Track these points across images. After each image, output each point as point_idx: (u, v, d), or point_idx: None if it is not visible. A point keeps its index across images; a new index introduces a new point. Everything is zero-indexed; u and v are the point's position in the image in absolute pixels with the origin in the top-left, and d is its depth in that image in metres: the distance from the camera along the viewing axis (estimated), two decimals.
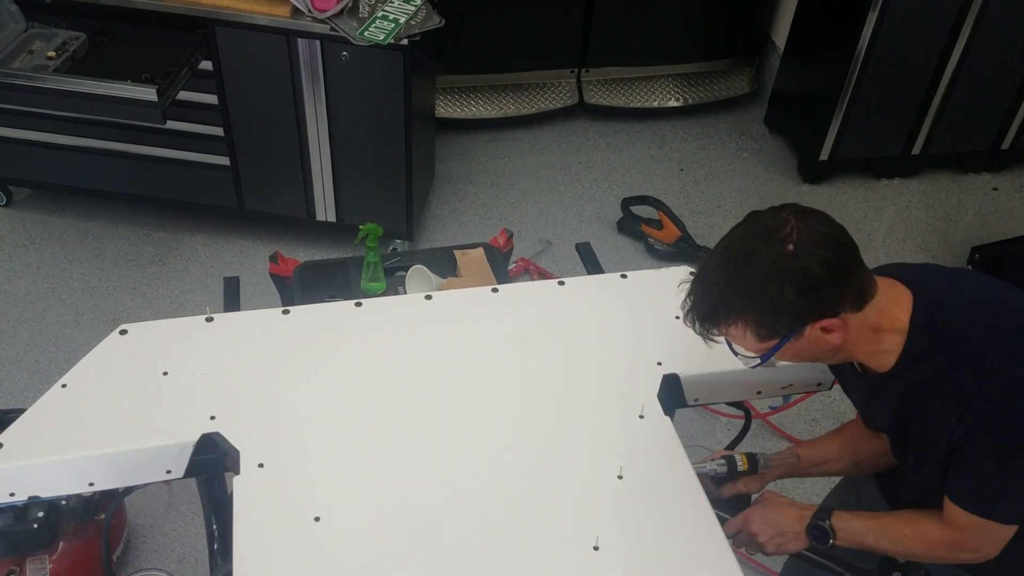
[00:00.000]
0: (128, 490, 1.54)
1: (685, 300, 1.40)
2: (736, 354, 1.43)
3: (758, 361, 1.40)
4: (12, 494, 1.44)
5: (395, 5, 2.76)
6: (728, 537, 1.50)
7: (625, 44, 3.90)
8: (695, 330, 1.40)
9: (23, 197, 3.43)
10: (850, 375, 1.53)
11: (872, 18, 3.25)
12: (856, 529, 1.51)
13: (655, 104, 4.00)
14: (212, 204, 3.23)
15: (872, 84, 3.43)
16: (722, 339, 1.41)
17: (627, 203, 3.47)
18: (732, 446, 1.82)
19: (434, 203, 3.54)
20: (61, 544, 2.13)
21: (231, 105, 2.93)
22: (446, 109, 3.80)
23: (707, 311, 1.37)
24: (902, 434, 1.48)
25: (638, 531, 1.39)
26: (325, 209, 3.17)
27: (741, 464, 1.65)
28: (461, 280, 2.12)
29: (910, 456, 1.49)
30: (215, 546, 1.68)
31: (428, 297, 1.79)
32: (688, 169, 3.83)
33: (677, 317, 1.73)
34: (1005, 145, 3.77)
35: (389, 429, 1.51)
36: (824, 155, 3.66)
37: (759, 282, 1.31)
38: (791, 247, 1.30)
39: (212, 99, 2.91)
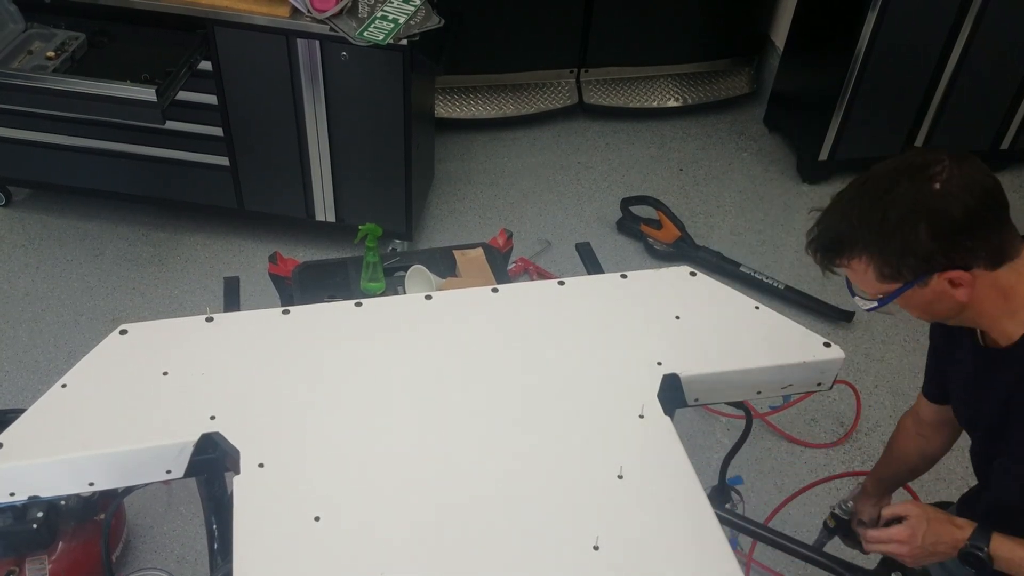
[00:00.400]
0: (128, 490, 1.54)
1: (812, 229, 1.35)
2: (853, 294, 1.37)
3: (875, 304, 1.34)
4: (12, 494, 1.44)
5: (394, 5, 2.76)
6: (866, 542, 1.50)
7: (625, 44, 3.90)
8: (816, 260, 1.35)
9: (23, 197, 3.43)
10: (967, 345, 1.43)
11: (872, 18, 3.25)
12: None
13: (655, 104, 4.00)
14: (212, 204, 3.23)
15: (872, 84, 3.43)
16: (842, 272, 1.35)
17: (626, 203, 3.48)
18: (735, 449, 1.82)
19: (434, 203, 3.54)
20: (60, 544, 2.13)
21: (230, 105, 2.93)
22: (446, 109, 3.80)
23: (831, 241, 1.31)
24: (999, 430, 1.39)
25: (638, 531, 1.39)
26: (324, 209, 3.17)
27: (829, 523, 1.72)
28: (461, 280, 2.12)
29: (998, 457, 1.41)
30: (215, 546, 1.69)
31: (428, 297, 1.78)
32: (687, 169, 3.83)
33: (677, 317, 1.74)
34: (1005, 145, 3.77)
35: (389, 429, 1.51)
36: (823, 155, 3.67)
37: (893, 217, 1.24)
38: (937, 186, 1.22)
39: (211, 99, 2.91)
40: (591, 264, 2.09)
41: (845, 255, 1.30)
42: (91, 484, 1.47)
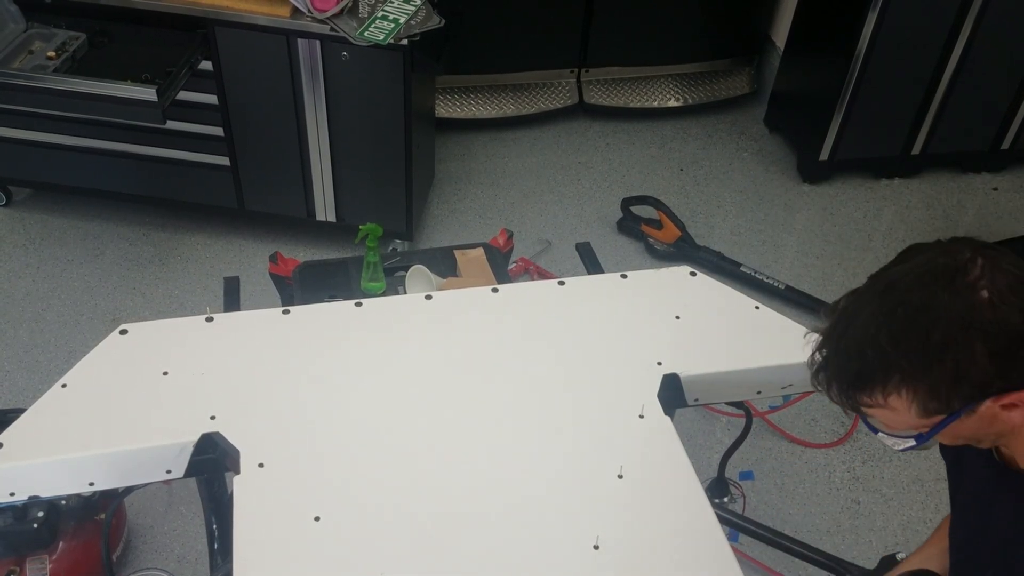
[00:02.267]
0: (128, 490, 1.54)
1: (815, 355, 1.11)
2: (876, 432, 1.13)
3: (912, 443, 1.11)
4: (12, 494, 1.44)
5: (395, 5, 2.76)
6: None
7: (625, 44, 3.90)
8: (831, 397, 1.11)
9: (23, 197, 3.43)
10: (974, 462, 1.22)
11: (872, 18, 3.25)
12: None
13: (655, 104, 4.00)
14: (212, 204, 3.23)
15: (872, 84, 3.43)
16: (871, 411, 1.09)
17: (627, 203, 3.48)
18: (734, 447, 1.82)
19: (434, 203, 3.54)
20: (61, 544, 2.13)
21: (231, 105, 2.93)
22: (446, 109, 3.80)
23: (857, 375, 1.06)
24: (994, 564, 1.18)
25: (638, 530, 1.39)
26: (325, 209, 3.17)
27: None
28: (461, 280, 2.12)
29: None
30: (215, 546, 1.69)
31: (428, 297, 1.79)
32: (688, 169, 3.83)
33: (677, 317, 1.74)
34: (1005, 145, 3.77)
35: (389, 429, 1.51)
36: (824, 155, 3.67)
37: (940, 340, 1.01)
38: (985, 294, 1.01)
39: (212, 99, 2.91)
40: (591, 264, 2.09)
41: (878, 390, 1.05)
42: (91, 484, 1.47)
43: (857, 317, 1.06)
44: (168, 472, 1.48)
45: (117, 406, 1.51)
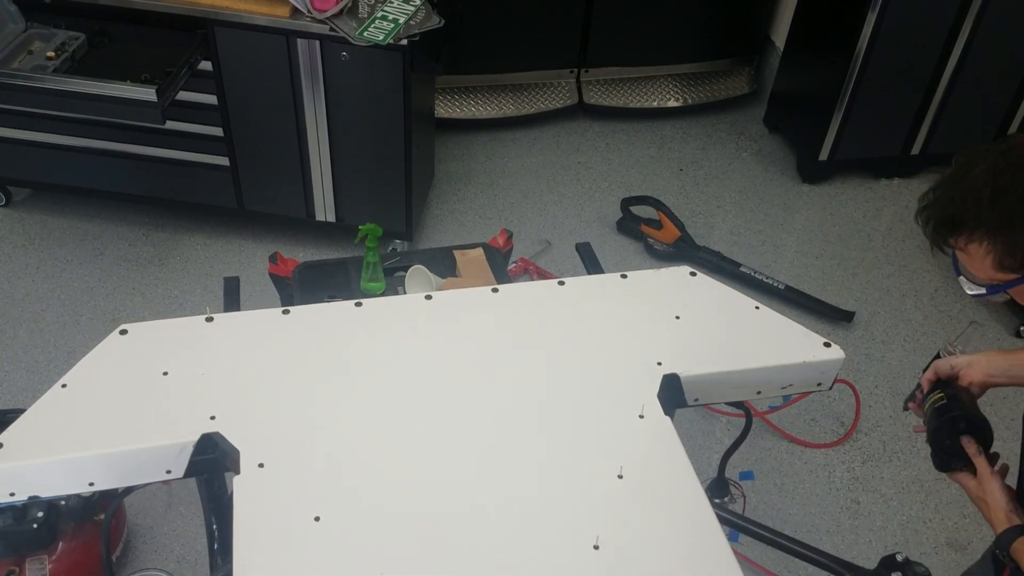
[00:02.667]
0: (128, 490, 1.54)
1: (927, 194, 1.24)
2: (958, 274, 1.27)
3: (983, 291, 1.25)
4: (12, 494, 1.44)
5: (394, 5, 2.76)
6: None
7: (625, 44, 3.90)
8: (925, 232, 1.24)
9: (23, 197, 3.43)
10: None
11: (872, 18, 3.25)
12: None
13: (655, 104, 4.01)
14: (212, 204, 3.23)
15: (872, 84, 3.43)
16: (957, 253, 1.23)
17: (627, 203, 3.48)
18: (734, 447, 1.82)
19: (434, 203, 3.54)
20: (61, 544, 2.13)
21: (230, 105, 2.93)
22: (446, 109, 3.80)
23: (951, 217, 1.19)
24: None
25: (638, 530, 1.39)
26: (324, 209, 3.17)
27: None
28: (461, 280, 2.12)
29: None
30: (215, 546, 1.69)
31: (428, 297, 1.78)
32: (687, 169, 3.83)
33: (677, 317, 1.74)
34: None
35: (389, 429, 1.51)
36: (823, 155, 3.67)
37: None
38: None
39: (211, 99, 2.91)
40: (591, 264, 2.09)
41: (963, 236, 1.19)
42: (91, 484, 1.47)
43: (974, 168, 1.19)
44: (168, 472, 1.48)
45: (117, 406, 1.50)
